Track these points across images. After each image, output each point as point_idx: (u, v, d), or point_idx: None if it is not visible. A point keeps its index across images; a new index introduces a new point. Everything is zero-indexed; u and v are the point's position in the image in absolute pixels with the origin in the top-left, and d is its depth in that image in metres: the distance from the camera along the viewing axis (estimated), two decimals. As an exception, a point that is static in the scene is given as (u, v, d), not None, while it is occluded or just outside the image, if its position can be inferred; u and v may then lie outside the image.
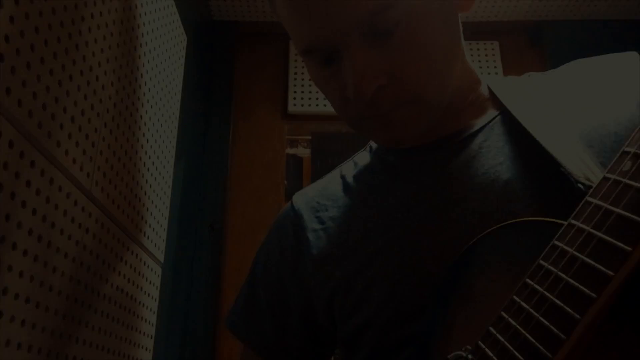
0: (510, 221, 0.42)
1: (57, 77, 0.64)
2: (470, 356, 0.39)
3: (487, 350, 0.37)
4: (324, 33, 0.48)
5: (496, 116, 0.55)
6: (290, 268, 0.64)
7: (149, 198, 1.02)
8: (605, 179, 0.35)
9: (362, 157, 0.66)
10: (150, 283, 1.04)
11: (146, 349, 1.01)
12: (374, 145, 0.67)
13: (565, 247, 0.35)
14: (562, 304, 0.33)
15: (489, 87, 0.59)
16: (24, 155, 0.58)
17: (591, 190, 0.36)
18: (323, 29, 0.48)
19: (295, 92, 1.80)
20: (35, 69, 0.59)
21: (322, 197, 0.65)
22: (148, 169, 1.02)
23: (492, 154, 0.52)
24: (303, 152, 3.11)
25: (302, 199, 0.67)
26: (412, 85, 0.50)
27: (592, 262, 0.32)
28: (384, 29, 0.47)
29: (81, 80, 0.71)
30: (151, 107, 1.04)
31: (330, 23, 0.47)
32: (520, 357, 0.34)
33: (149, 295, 1.03)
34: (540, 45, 1.87)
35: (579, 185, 0.42)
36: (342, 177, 0.66)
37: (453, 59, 0.54)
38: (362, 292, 0.54)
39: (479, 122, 0.56)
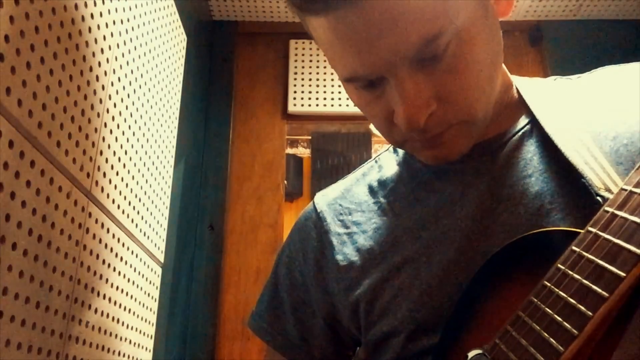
0: (532, 232, 0.44)
1: (57, 77, 0.64)
2: (487, 353, 0.41)
3: (502, 346, 0.40)
4: (371, 63, 0.46)
5: (525, 125, 0.55)
6: (313, 272, 0.64)
7: (149, 198, 1.02)
8: (622, 190, 0.38)
9: (387, 160, 0.65)
10: (150, 283, 1.04)
11: (146, 349, 1.01)
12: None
13: (582, 252, 0.37)
14: (576, 303, 0.36)
15: (517, 89, 0.58)
16: (24, 155, 0.58)
17: (609, 200, 0.38)
18: (370, 60, 0.46)
19: (295, 92, 1.80)
20: (35, 69, 0.59)
21: (345, 200, 0.65)
22: (148, 169, 1.02)
23: (521, 167, 0.52)
24: (303, 152, 3.12)
25: (324, 200, 0.67)
26: (461, 106, 0.49)
27: (606, 265, 0.35)
28: (432, 55, 0.46)
29: (81, 80, 0.71)
30: (151, 107, 1.04)
31: (377, 54, 0.45)
32: (533, 351, 0.37)
33: (149, 295, 1.03)
34: (540, 45, 1.87)
35: (598, 197, 0.43)
36: (366, 180, 0.65)
37: (498, 70, 0.53)
38: (390, 301, 0.54)
39: (509, 131, 0.55)
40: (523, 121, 0.55)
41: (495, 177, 0.53)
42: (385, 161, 0.65)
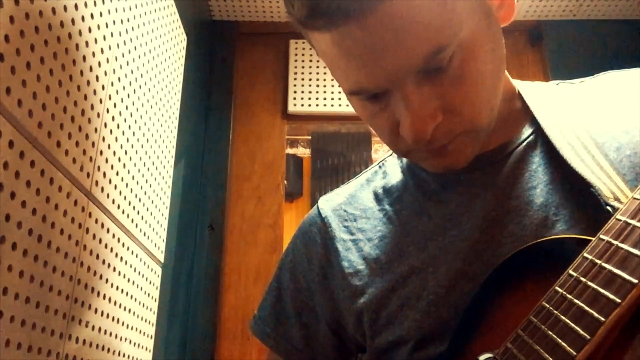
0: (540, 240, 0.44)
1: (57, 77, 0.64)
2: (498, 357, 0.41)
3: (514, 350, 0.40)
4: (376, 77, 0.46)
5: (530, 135, 0.55)
6: (318, 277, 0.64)
7: (149, 198, 1.02)
8: (634, 198, 0.38)
9: (392, 166, 0.65)
10: (150, 283, 1.04)
11: (146, 349, 1.01)
12: None
13: (594, 258, 0.38)
14: (588, 308, 0.36)
15: (520, 95, 0.58)
16: (24, 155, 0.58)
17: (621, 208, 0.39)
18: (375, 73, 0.46)
19: (295, 92, 1.80)
20: (35, 69, 0.59)
21: (349, 205, 0.64)
22: (148, 169, 1.02)
23: (526, 178, 0.52)
24: (303, 152, 3.12)
25: (329, 205, 0.66)
26: (466, 116, 0.48)
27: (619, 271, 0.36)
28: (437, 67, 0.46)
29: (81, 80, 0.71)
30: (151, 107, 1.04)
31: (383, 67, 0.45)
32: (546, 355, 0.37)
33: (149, 295, 1.03)
34: (540, 45, 1.87)
35: (608, 207, 0.43)
36: (371, 187, 0.65)
37: (501, 79, 0.52)
38: (396, 311, 0.54)
39: (513, 141, 0.55)
40: (527, 130, 0.55)
41: (501, 188, 0.53)
42: (390, 167, 0.65)
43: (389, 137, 0.53)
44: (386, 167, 0.66)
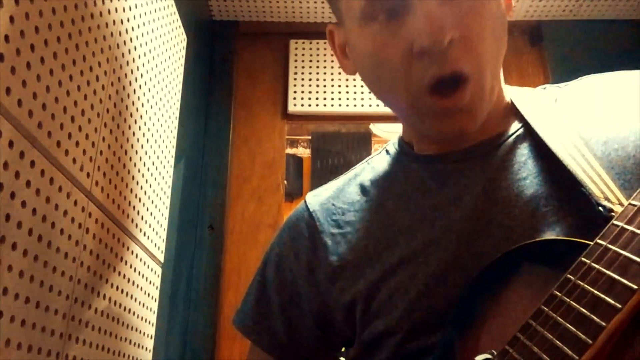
0: (537, 239, 0.45)
1: (57, 77, 0.64)
2: (496, 359, 0.41)
3: (514, 353, 0.40)
4: None
5: (519, 129, 0.56)
6: (305, 271, 0.64)
7: (149, 198, 1.02)
8: (631, 205, 0.39)
9: (380, 161, 0.65)
10: (150, 283, 1.04)
11: (146, 349, 1.01)
12: (391, 149, 0.66)
13: (593, 264, 0.38)
14: (588, 313, 0.37)
15: (509, 96, 0.59)
16: (24, 155, 0.58)
17: (618, 214, 0.40)
18: None
19: (295, 92, 1.80)
20: (35, 69, 0.59)
21: (337, 199, 0.65)
22: (148, 169, 1.02)
23: (516, 169, 0.53)
24: (303, 152, 3.12)
25: (317, 200, 0.67)
26: (477, 49, 0.50)
27: (618, 277, 0.36)
28: None
29: (81, 80, 0.71)
30: (151, 107, 1.04)
31: None
32: (547, 358, 0.37)
33: (148, 295, 1.03)
34: (540, 45, 1.87)
35: (599, 208, 0.44)
36: (359, 180, 0.65)
37: (501, 57, 0.54)
38: (386, 301, 0.55)
39: (503, 134, 0.56)
40: (516, 125, 0.56)
41: (490, 179, 0.53)
42: (377, 162, 0.66)
43: (400, 67, 0.52)
44: (374, 162, 0.66)
